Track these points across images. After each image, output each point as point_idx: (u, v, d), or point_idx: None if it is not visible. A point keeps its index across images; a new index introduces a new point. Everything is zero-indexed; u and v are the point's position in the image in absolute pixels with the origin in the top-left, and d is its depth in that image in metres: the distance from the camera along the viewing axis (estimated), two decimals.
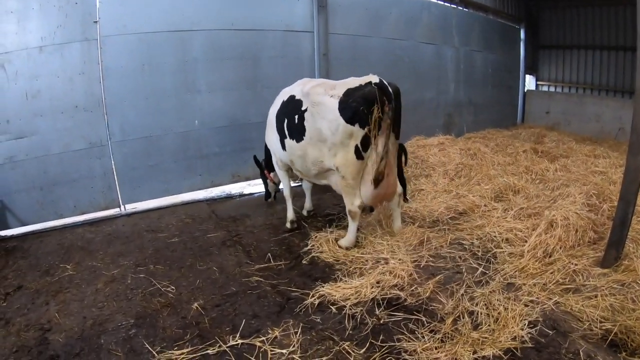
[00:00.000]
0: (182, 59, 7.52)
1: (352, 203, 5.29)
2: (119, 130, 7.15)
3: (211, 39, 7.73)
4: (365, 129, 4.90)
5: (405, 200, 6.81)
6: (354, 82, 5.10)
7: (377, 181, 5.06)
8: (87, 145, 6.94)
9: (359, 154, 5.02)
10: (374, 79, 4.93)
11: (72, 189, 6.96)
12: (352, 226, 5.43)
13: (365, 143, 4.98)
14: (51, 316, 4.26)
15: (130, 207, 7.48)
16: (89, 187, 7.11)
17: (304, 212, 6.99)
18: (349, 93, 4.98)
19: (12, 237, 6.41)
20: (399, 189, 5.70)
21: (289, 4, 8.58)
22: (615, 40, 13.57)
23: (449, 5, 12.10)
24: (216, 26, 7.73)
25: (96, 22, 6.65)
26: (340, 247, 5.49)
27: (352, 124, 4.91)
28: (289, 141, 5.67)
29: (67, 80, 6.60)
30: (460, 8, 12.51)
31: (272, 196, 7.54)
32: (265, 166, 7.09)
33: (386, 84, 4.92)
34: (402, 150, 6.68)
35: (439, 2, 11.83)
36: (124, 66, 7.02)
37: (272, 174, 7.06)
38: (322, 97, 5.17)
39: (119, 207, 7.40)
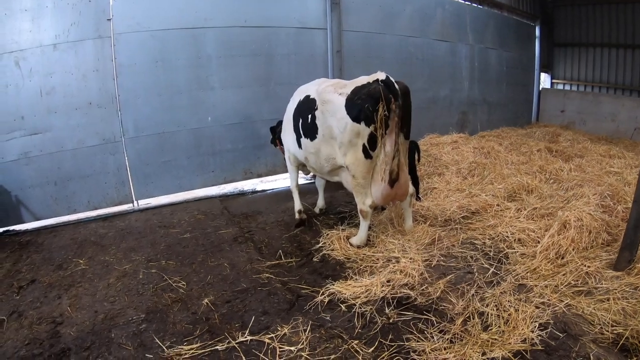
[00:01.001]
0: (195, 56, 7.57)
1: (364, 202, 5.29)
2: (132, 127, 7.22)
3: (224, 36, 7.77)
4: (371, 127, 4.88)
5: (418, 199, 6.79)
6: (362, 80, 5.10)
7: (392, 181, 5.03)
8: (101, 141, 7.03)
9: (367, 153, 5.01)
10: (381, 76, 4.91)
11: (85, 184, 7.06)
12: (364, 225, 5.42)
13: (372, 142, 4.96)
14: (63, 310, 4.32)
15: (144, 203, 7.56)
16: (102, 183, 7.19)
17: (316, 210, 6.99)
18: (355, 91, 4.98)
19: (26, 232, 6.52)
20: (411, 189, 5.67)
21: (302, 1, 8.61)
22: (632, 39, 13.38)
23: (463, 2, 12.02)
24: (229, 23, 7.76)
25: (109, 19, 6.74)
26: (351, 245, 5.48)
27: (359, 122, 4.90)
28: (304, 140, 5.70)
29: (80, 77, 6.70)
30: (475, 5, 12.42)
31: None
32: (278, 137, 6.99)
33: (393, 81, 4.88)
34: (415, 148, 6.66)
35: None
36: (137, 63, 7.10)
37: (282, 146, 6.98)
38: (331, 96, 5.18)
39: (132, 202, 7.48)
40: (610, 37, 13.96)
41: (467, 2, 12.10)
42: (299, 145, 5.87)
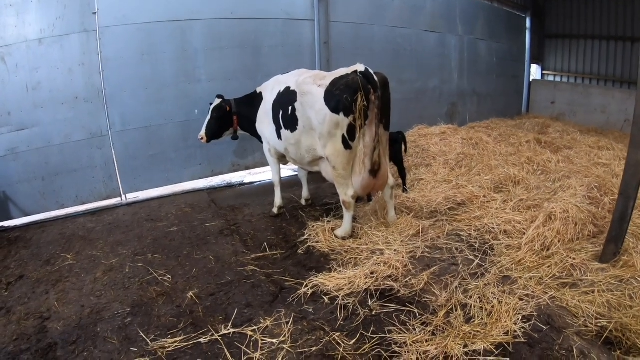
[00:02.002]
0: (181, 49, 7.51)
1: (346, 193, 5.30)
2: (119, 120, 7.17)
3: (211, 28, 7.71)
4: (350, 117, 4.92)
5: (405, 190, 6.80)
6: (341, 71, 5.14)
7: (374, 172, 5.08)
8: (88, 135, 6.97)
9: (347, 143, 5.04)
10: (360, 67, 4.95)
11: (73, 179, 7.01)
12: (348, 216, 5.43)
13: (352, 132, 4.99)
14: (51, 305, 4.33)
15: (132, 197, 7.52)
16: (90, 177, 7.15)
17: (302, 202, 7.00)
18: (334, 82, 5.01)
19: (15, 228, 6.48)
20: (392, 181, 5.66)
21: None
22: (622, 31, 13.40)
23: None
24: (216, 15, 7.70)
25: (95, 13, 6.66)
26: (336, 237, 5.48)
27: (337, 113, 4.93)
28: (284, 131, 5.71)
29: (66, 72, 6.63)
30: None
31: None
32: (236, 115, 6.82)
33: (372, 72, 4.93)
34: (402, 139, 6.67)
35: None
36: (124, 56, 7.03)
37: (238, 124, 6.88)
38: (310, 87, 5.21)
39: (120, 196, 7.44)
40: (601, 29, 13.97)
41: None
42: (279, 137, 5.87)
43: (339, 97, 4.89)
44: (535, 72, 16.14)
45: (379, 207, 6.03)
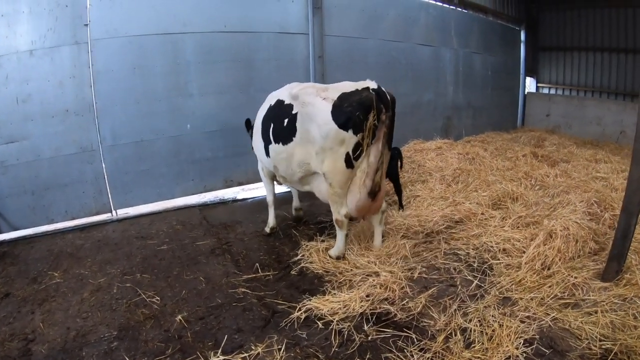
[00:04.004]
0: (173, 62, 7.41)
1: (339, 212, 5.16)
2: (110, 135, 7.04)
3: (203, 41, 7.62)
4: (359, 135, 4.75)
5: (401, 207, 6.70)
6: (348, 86, 4.96)
7: (373, 193, 4.94)
8: (78, 149, 6.85)
9: (350, 162, 4.88)
10: (372, 84, 4.80)
11: (63, 193, 6.87)
12: (340, 235, 5.29)
13: (357, 150, 4.84)
14: (36, 326, 4.18)
15: (122, 212, 7.37)
16: (80, 192, 7.00)
17: (293, 212, 6.91)
18: (343, 97, 4.82)
19: (3, 243, 6.31)
20: (384, 206, 5.53)
21: (283, 5, 8.47)
22: (616, 43, 13.45)
23: (447, 6, 11.97)
24: (208, 28, 7.62)
25: (86, 25, 6.55)
26: (330, 257, 5.35)
27: (346, 129, 4.75)
28: (273, 146, 5.55)
29: (57, 84, 6.51)
30: (459, 9, 12.40)
31: None
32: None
33: (384, 90, 4.77)
34: (397, 155, 6.56)
35: (437, 3, 11.69)
36: (115, 69, 6.92)
37: None
38: (314, 99, 5.03)
39: (111, 212, 7.29)
40: (595, 41, 14.02)
41: (451, 7, 12.05)
42: (267, 154, 5.74)
43: (350, 114, 4.70)
44: (529, 84, 16.18)
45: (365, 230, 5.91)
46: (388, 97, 4.75)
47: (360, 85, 4.86)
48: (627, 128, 12.64)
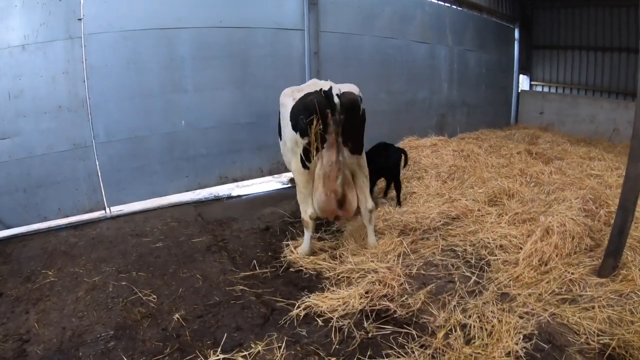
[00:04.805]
0: (168, 58, 7.34)
1: (305, 212, 5.20)
2: (103, 131, 6.95)
3: (198, 36, 7.55)
4: (305, 139, 4.82)
5: (399, 204, 6.71)
6: (313, 87, 5.02)
7: (336, 200, 4.97)
8: (71, 146, 6.75)
9: (304, 163, 4.95)
10: (325, 86, 4.79)
11: (56, 191, 6.77)
12: (306, 235, 5.33)
13: (307, 154, 4.87)
14: (30, 326, 4.11)
15: (116, 210, 7.30)
16: (73, 190, 6.91)
17: None
18: (300, 99, 4.88)
19: None
20: (369, 204, 5.42)
21: (279, 1, 8.43)
22: (610, 41, 13.53)
23: (442, 3, 11.98)
24: (204, 24, 7.55)
25: (80, 19, 6.45)
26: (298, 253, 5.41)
27: (295, 131, 4.86)
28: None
29: (50, 80, 6.40)
30: (455, 7, 12.39)
31: None
32: None
33: (333, 93, 4.68)
34: (403, 153, 6.64)
35: (433, 0, 11.70)
36: (109, 65, 6.82)
37: None
38: (287, 99, 5.14)
39: (104, 209, 7.21)
40: (589, 40, 14.09)
41: (446, 4, 12.06)
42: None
43: (296, 117, 4.82)
44: (523, 82, 16.24)
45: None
46: (336, 99, 4.67)
47: (324, 85, 4.85)
48: (620, 126, 12.73)
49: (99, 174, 7.05)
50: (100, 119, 6.88)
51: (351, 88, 4.97)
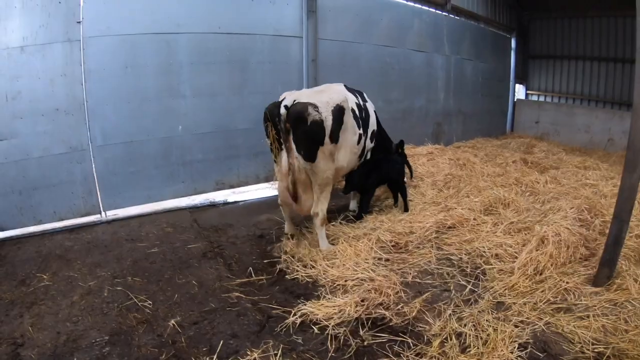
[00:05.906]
0: (166, 62, 7.34)
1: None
2: (100, 135, 6.93)
3: (197, 42, 7.56)
4: (268, 140, 5.67)
5: (406, 209, 6.84)
6: (319, 91, 5.87)
7: (293, 196, 5.59)
8: (68, 149, 6.72)
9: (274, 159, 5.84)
10: (285, 96, 5.39)
11: (51, 194, 6.74)
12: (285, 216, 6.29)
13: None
14: (25, 330, 4.07)
15: (111, 214, 7.27)
16: (69, 193, 6.88)
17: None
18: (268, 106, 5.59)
19: None
20: (317, 209, 5.62)
21: (278, 8, 8.46)
22: (606, 52, 13.66)
23: (440, 13, 12.08)
24: (202, 29, 7.57)
25: (79, 22, 6.45)
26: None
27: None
28: None
29: (48, 82, 6.38)
30: (452, 16, 12.50)
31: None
32: None
33: (282, 105, 5.23)
34: (406, 164, 7.00)
35: (431, 9, 11.80)
36: (107, 68, 6.82)
37: None
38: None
39: (100, 213, 7.18)
40: (585, 50, 14.23)
41: (444, 13, 12.16)
42: None
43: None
44: (519, 91, 16.36)
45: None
46: (283, 110, 5.20)
47: (333, 89, 5.81)
48: (615, 136, 12.85)
49: (95, 177, 7.02)
50: (98, 123, 6.87)
51: (333, 97, 5.52)
